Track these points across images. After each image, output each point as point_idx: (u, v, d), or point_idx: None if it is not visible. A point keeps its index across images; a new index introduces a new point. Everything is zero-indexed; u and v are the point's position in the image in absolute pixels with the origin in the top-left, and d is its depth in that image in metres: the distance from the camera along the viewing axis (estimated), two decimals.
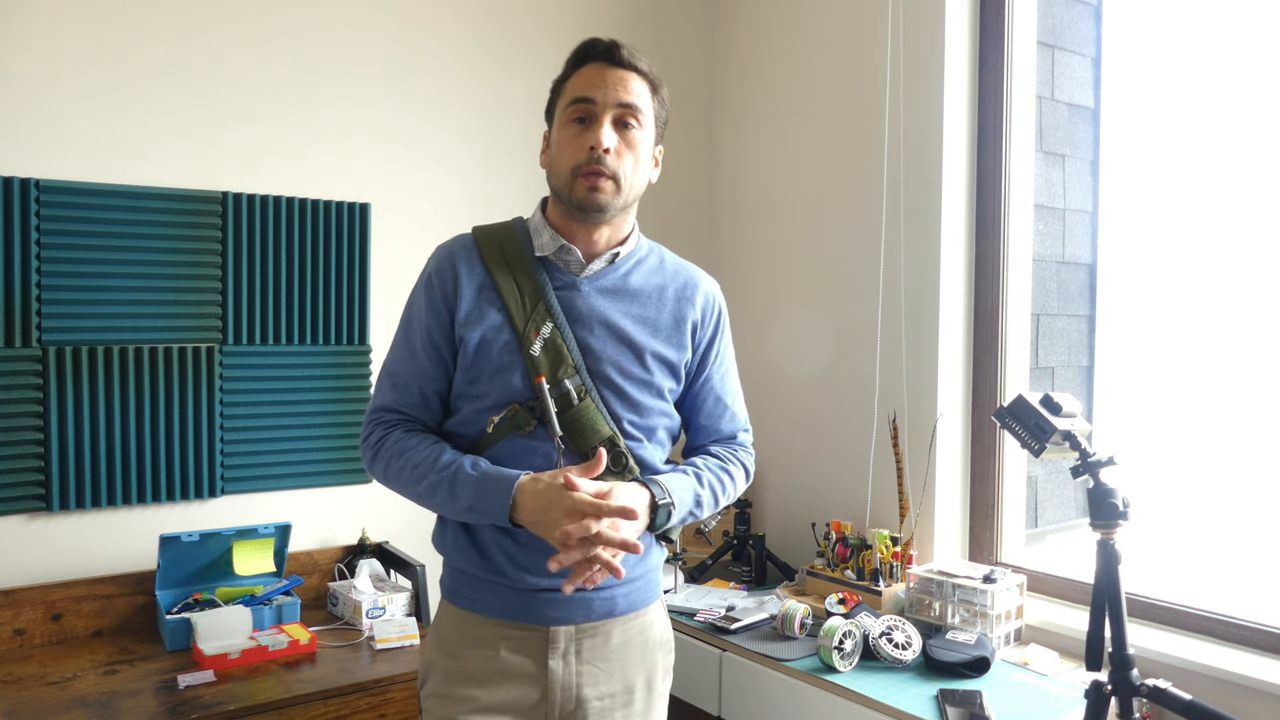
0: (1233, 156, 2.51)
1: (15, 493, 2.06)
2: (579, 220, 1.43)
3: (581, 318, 1.43)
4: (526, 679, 1.40)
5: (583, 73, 1.41)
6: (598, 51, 1.41)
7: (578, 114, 1.40)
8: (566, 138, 1.41)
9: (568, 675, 1.41)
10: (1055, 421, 1.56)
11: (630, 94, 1.40)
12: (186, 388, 2.22)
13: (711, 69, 3.12)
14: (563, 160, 1.41)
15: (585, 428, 1.39)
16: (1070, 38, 2.80)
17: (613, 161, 1.38)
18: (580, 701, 1.42)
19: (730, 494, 1.54)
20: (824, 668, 2.01)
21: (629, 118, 1.40)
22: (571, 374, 1.39)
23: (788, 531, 2.83)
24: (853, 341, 2.63)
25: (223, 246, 2.26)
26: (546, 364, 1.38)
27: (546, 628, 1.41)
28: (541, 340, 1.39)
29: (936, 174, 2.42)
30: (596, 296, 1.44)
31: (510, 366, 1.39)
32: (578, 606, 1.41)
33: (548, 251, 1.45)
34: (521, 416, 1.38)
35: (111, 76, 2.14)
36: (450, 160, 2.62)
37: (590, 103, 1.39)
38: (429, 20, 2.57)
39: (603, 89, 1.39)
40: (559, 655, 1.41)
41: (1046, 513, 2.78)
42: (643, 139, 1.43)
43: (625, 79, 1.40)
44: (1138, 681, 1.46)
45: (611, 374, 1.42)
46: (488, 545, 1.41)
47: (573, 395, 1.38)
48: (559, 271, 1.45)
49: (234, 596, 2.15)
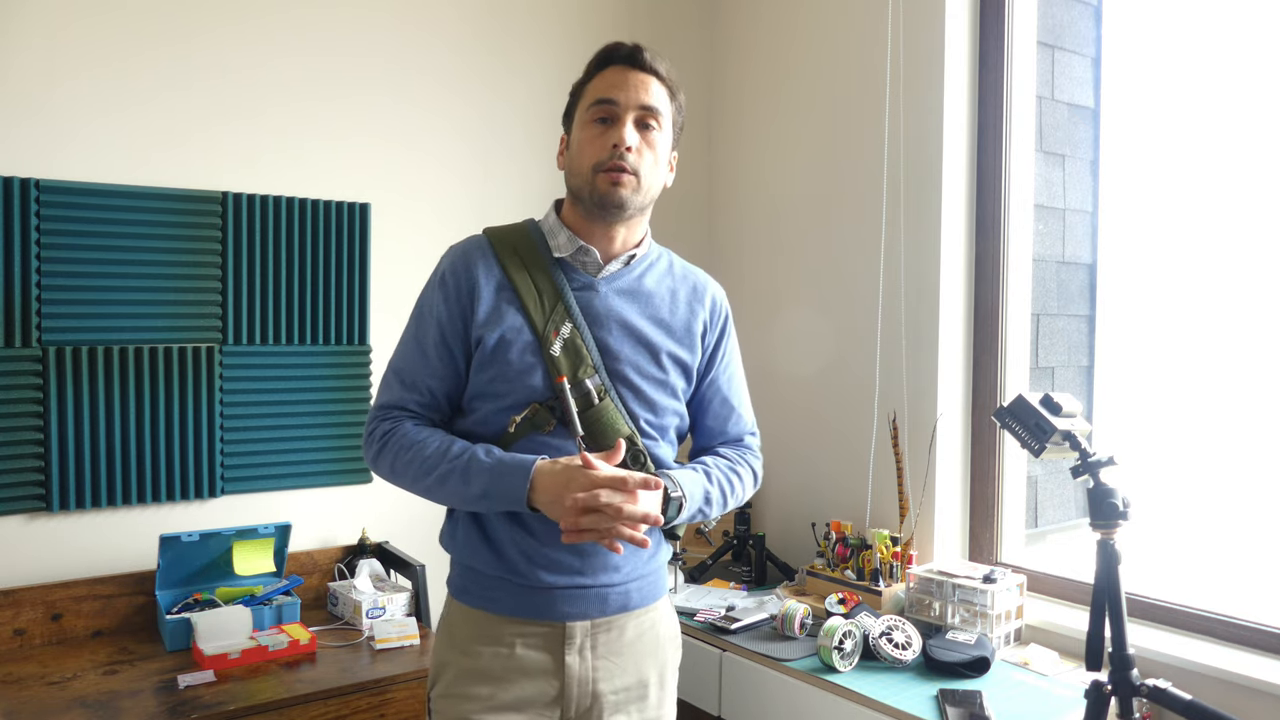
0: (1233, 156, 2.51)
1: (15, 493, 2.06)
2: (598, 219, 1.44)
3: (600, 318, 1.44)
4: (543, 675, 1.41)
5: (605, 75, 1.44)
6: (620, 55, 1.44)
7: (600, 114, 1.42)
8: (588, 137, 1.42)
9: (584, 670, 1.42)
10: (1055, 421, 1.56)
11: (651, 97, 1.42)
12: (186, 388, 2.22)
13: (711, 69, 3.12)
14: (584, 159, 1.42)
15: (606, 427, 1.41)
16: (1070, 38, 2.80)
17: (634, 159, 1.40)
18: (596, 696, 1.43)
19: (739, 495, 1.55)
20: (824, 668, 2.01)
21: (650, 119, 1.42)
22: (591, 374, 1.41)
23: (788, 531, 2.83)
24: (853, 341, 2.63)
25: (223, 246, 2.26)
26: (567, 364, 1.40)
27: (562, 623, 1.41)
28: (561, 340, 1.40)
29: (936, 174, 2.42)
30: (614, 297, 1.46)
31: (531, 367, 1.40)
32: (592, 601, 1.42)
33: (565, 253, 1.46)
34: (542, 416, 1.39)
35: (112, 77, 2.14)
36: (450, 160, 2.62)
37: (613, 104, 1.41)
38: (429, 20, 2.57)
39: (625, 91, 1.41)
40: (575, 650, 1.42)
41: (1046, 513, 2.78)
42: (661, 141, 1.45)
43: (647, 82, 1.43)
44: (1138, 681, 1.46)
45: (630, 374, 1.44)
46: (502, 543, 1.41)
47: (593, 395, 1.40)
48: (576, 273, 1.46)
49: (234, 596, 2.15)
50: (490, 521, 1.42)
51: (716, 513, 1.51)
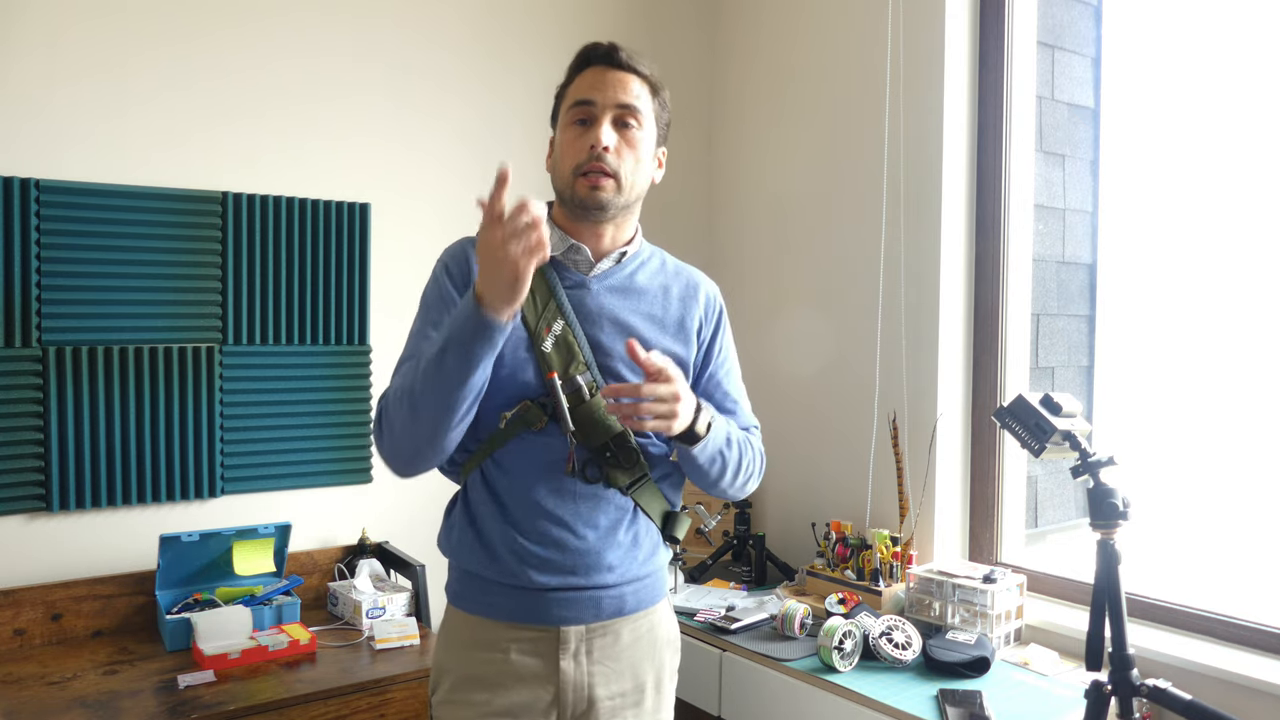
0: (1233, 156, 2.51)
1: (15, 493, 2.06)
2: (583, 219, 1.45)
3: (591, 315, 1.44)
4: (538, 681, 1.41)
5: (584, 76, 1.44)
6: (597, 55, 1.44)
7: (579, 116, 1.42)
8: (568, 140, 1.43)
9: (579, 675, 1.42)
10: (1055, 421, 1.56)
11: (629, 95, 1.42)
12: (186, 388, 2.22)
13: (711, 69, 3.12)
14: (565, 162, 1.43)
15: (597, 423, 1.40)
16: (1070, 38, 2.80)
17: (613, 160, 1.40)
18: (592, 702, 1.43)
19: (748, 468, 1.52)
20: (824, 668, 2.01)
21: (628, 118, 1.42)
22: (583, 370, 1.41)
23: (788, 531, 2.83)
24: (853, 341, 2.63)
25: (223, 246, 2.26)
26: (558, 360, 1.40)
27: (557, 628, 1.41)
28: (553, 337, 1.41)
29: (936, 174, 2.41)
30: (605, 295, 1.46)
31: (522, 363, 1.40)
32: (587, 606, 1.42)
33: (557, 251, 1.46)
34: (533, 413, 1.38)
35: (112, 77, 2.14)
36: (450, 160, 2.62)
37: (590, 104, 1.41)
38: (428, 22, 2.57)
39: (602, 90, 1.41)
40: (570, 655, 1.41)
41: (1046, 513, 2.78)
42: (643, 139, 1.45)
43: (624, 80, 1.43)
44: (1138, 681, 1.46)
45: (622, 370, 1.44)
46: (495, 544, 1.41)
47: (584, 391, 1.39)
48: (568, 271, 1.46)
49: (234, 596, 2.15)
50: (484, 522, 1.42)
51: (730, 473, 1.47)
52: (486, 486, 1.42)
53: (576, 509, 1.40)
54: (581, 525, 1.40)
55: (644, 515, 1.47)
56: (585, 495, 1.41)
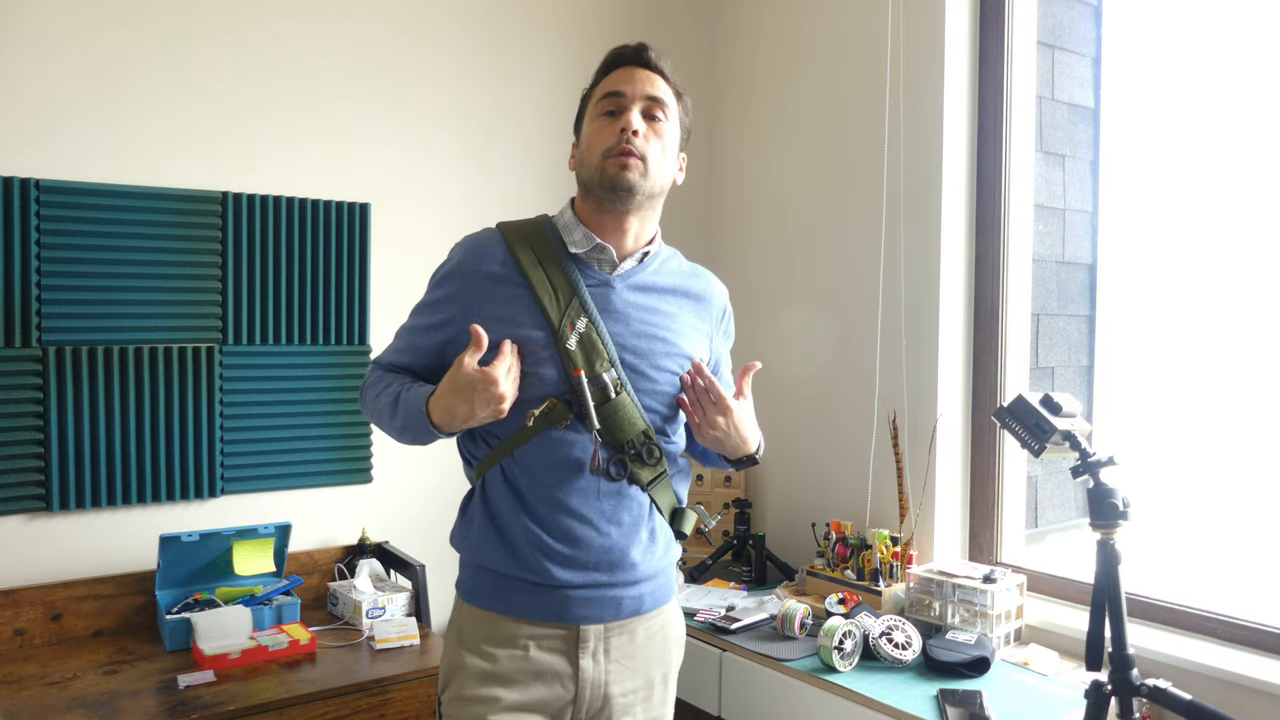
0: (1233, 156, 2.51)
1: (15, 493, 2.06)
2: (609, 209, 1.44)
3: (615, 313, 1.45)
4: (558, 679, 1.42)
5: (612, 75, 1.47)
6: (626, 56, 1.47)
7: (608, 107, 1.45)
8: (596, 129, 1.45)
9: (598, 674, 1.43)
10: (1055, 421, 1.56)
11: (657, 89, 1.45)
12: (186, 388, 2.22)
13: (712, 69, 3.12)
14: (593, 148, 1.44)
15: (622, 421, 1.41)
16: (1070, 38, 2.80)
17: (641, 144, 1.42)
18: (607, 699, 1.44)
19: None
20: (824, 668, 2.01)
21: (656, 110, 1.45)
22: (608, 367, 1.41)
23: (788, 531, 2.83)
24: (853, 341, 2.63)
25: (223, 246, 2.26)
26: (582, 358, 1.40)
27: (577, 626, 1.42)
28: (577, 335, 1.41)
29: (936, 174, 2.41)
30: (629, 293, 1.47)
31: (546, 361, 1.40)
32: (607, 605, 1.43)
33: (581, 249, 1.46)
34: (559, 411, 1.39)
35: (112, 77, 2.14)
36: (449, 161, 2.62)
37: (620, 95, 1.44)
38: (428, 23, 2.57)
39: (631, 84, 1.44)
40: (589, 654, 1.42)
41: (1046, 513, 2.78)
42: (669, 132, 1.47)
43: (652, 78, 1.46)
44: (1138, 681, 1.46)
45: (645, 368, 1.45)
46: (517, 541, 1.41)
47: (610, 389, 1.40)
48: (591, 269, 1.47)
49: (234, 596, 2.15)
50: (505, 518, 1.42)
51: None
52: (507, 483, 1.42)
53: (600, 506, 1.41)
54: (605, 522, 1.41)
55: (658, 512, 1.48)
56: (608, 492, 1.41)
